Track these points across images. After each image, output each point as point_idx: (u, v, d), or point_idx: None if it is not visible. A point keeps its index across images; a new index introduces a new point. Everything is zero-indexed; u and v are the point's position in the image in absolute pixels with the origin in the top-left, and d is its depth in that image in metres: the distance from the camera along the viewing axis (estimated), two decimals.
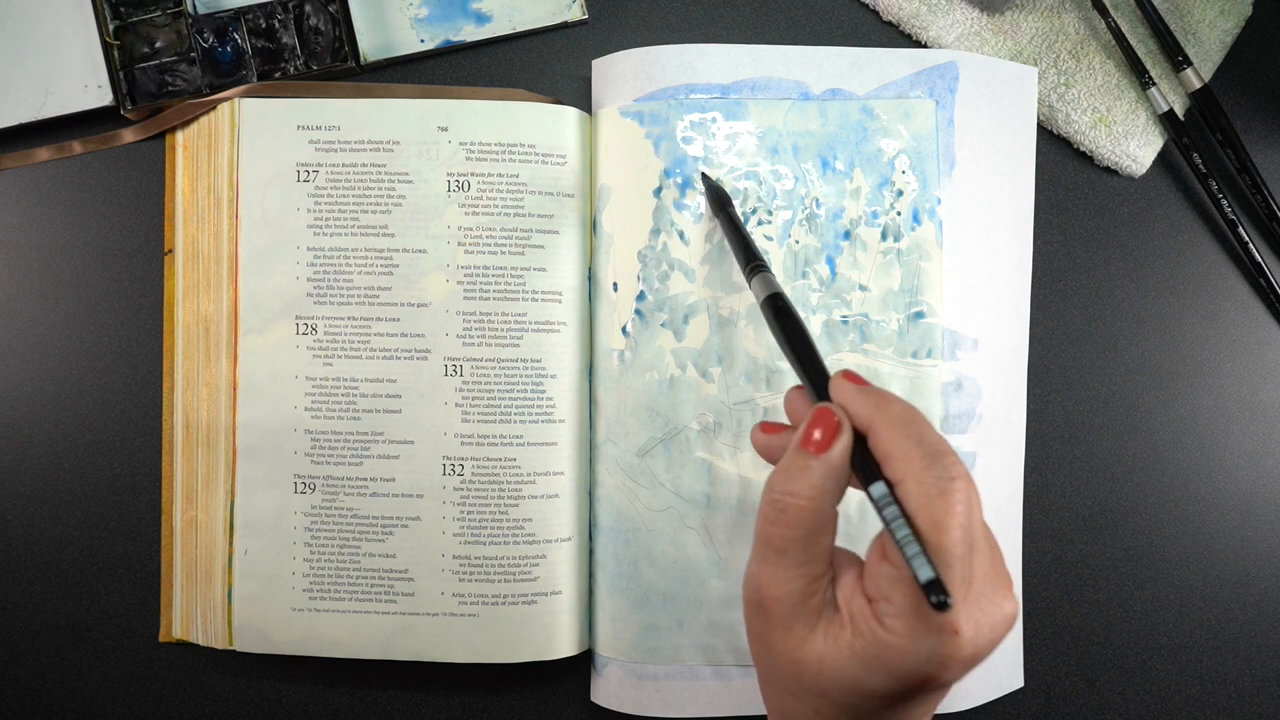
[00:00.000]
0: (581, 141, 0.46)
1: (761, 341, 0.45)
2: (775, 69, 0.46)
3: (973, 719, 0.46)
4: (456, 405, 0.45)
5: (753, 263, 0.39)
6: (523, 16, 0.49)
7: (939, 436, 0.31)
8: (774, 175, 0.46)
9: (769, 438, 0.35)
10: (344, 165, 0.46)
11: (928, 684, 0.30)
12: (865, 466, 0.31)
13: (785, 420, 0.36)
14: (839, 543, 0.33)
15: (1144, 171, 0.48)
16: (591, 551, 0.46)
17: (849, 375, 0.33)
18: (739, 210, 0.45)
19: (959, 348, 0.45)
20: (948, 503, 0.29)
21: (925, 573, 0.28)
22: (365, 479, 0.45)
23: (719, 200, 0.43)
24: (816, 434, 0.32)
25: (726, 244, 0.44)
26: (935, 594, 0.28)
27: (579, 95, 0.48)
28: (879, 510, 0.30)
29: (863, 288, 0.45)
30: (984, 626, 0.29)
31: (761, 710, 0.45)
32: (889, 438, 0.31)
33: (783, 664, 0.32)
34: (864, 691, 0.30)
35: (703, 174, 0.45)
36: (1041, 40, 0.48)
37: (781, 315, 0.36)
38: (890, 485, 0.30)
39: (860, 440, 0.32)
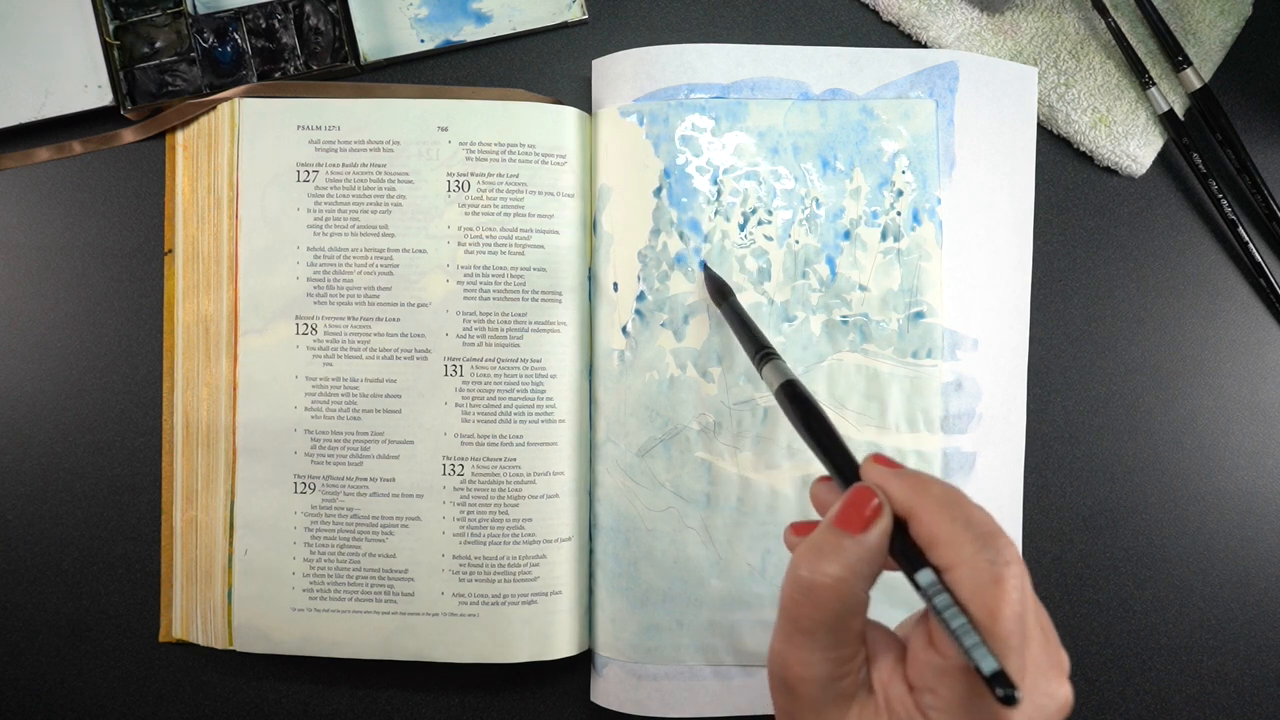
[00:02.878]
0: (581, 141, 0.46)
1: None
2: (775, 69, 0.46)
3: None
4: (456, 405, 0.45)
5: (762, 351, 0.38)
6: (523, 16, 0.48)
7: (987, 516, 0.30)
8: (774, 175, 0.46)
9: (826, 494, 0.34)
10: (344, 165, 0.46)
11: None
12: (907, 552, 0.30)
13: (780, 427, 0.36)
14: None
15: (1144, 171, 0.48)
16: (591, 551, 0.46)
17: (880, 459, 0.32)
18: (741, 214, 0.45)
19: (959, 348, 0.45)
20: (1002, 590, 0.28)
21: (989, 664, 0.27)
22: (365, 479, 0.45)
23: (720, 291, 0.43)
24: (856, 515, 0.30)
25: (733, 334, 0.42)
26: (1002, 687, 0.26)
27: (579, 95, 0.48)
28: (928, 599, 0.28)
29: (863, 288, 0.45)
30: (1038, 718, 0.28)
31: (762, 710, 0.45)
32: (933, 521, 0.29)
33: None
34: None
35: (702, 263, 0.44)
36: (1041, 40, 0.48)
37: (799, 403, 0.35)
38: (938, 572, 0.29)
39: (900, 525, 0.30)
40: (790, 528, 0.34)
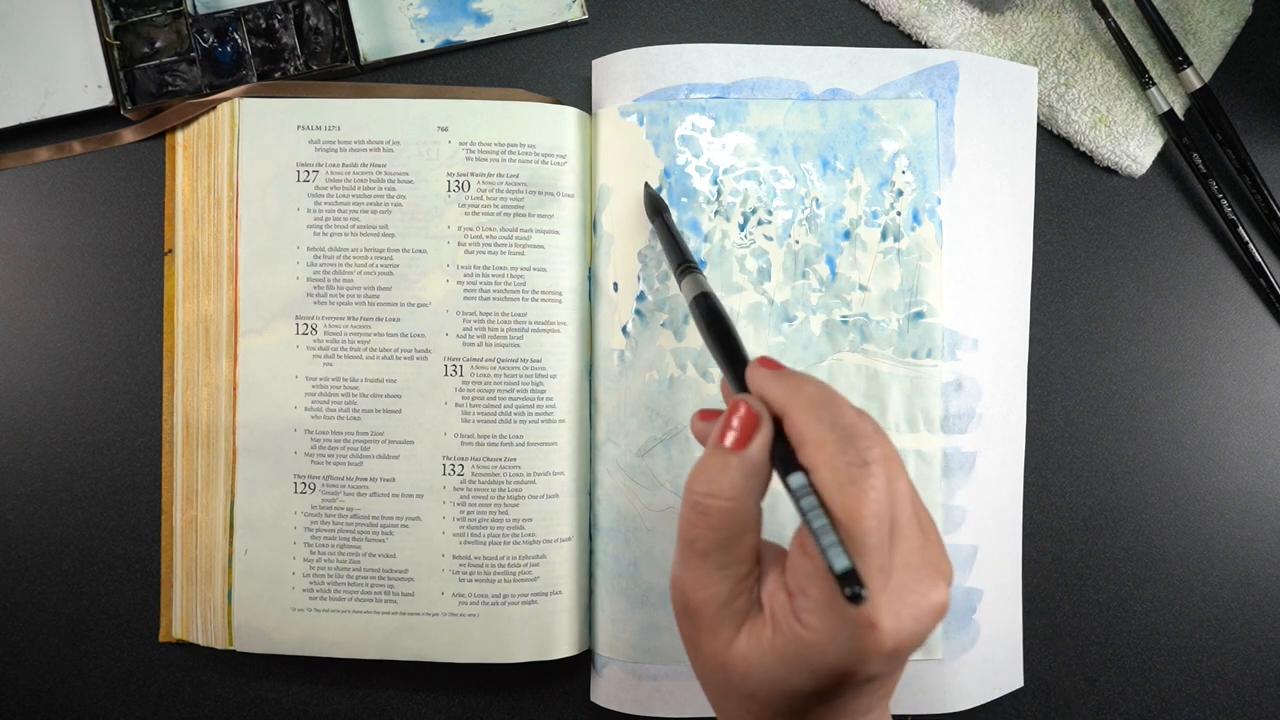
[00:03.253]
0: (581, 141, 0.46)
1: (761, 341, 0.45)
2: (775, 69, 0.46)
3: (973, 719, 0.46)
4: (456, 405, 0.45)
5: (684, 264, 0.38)
6: (523, 16, 0.48)
7: (855, 418, 0.29)
8: (774, 175, 0.46)
9: (705, 425, 0.33)
10: (344, 165, 0.46)
11: (848, 679, 0.28)
12: (783, 457, 0.30)
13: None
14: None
15: (1144, 171, 0.48)
16: (591, 551, 0.46)
17: (765, 361, 0.32)
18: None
19: (959, 348, 0.45)
20: (861, 489, 0.28)
21: (840, 563, 0.27)
22: (365, 479, 0.45)
23: (655, 207, 0.43)
24: (734, 429, 0.30)
25: (663, 249, 0.43)
26: (849, 585, 0.26)
27: (579, 95, 0.48)
28: (796, 501, 0.28)
29: (863, 288, 0.45)
30: (906, 619, 0.28)
31: None
32: (802, 422, 0.29)
33: (712, 667, 0.31)
34: (789, 691, 0.29)
35: (645, 184, 0.45)
36: (1041, 40, 0.48)
37: (706, 311, 0.35)
38: (808, 474, 0.29)
39: (778, 430, 0.30)
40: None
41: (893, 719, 0.45)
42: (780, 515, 0.42)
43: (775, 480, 0.31)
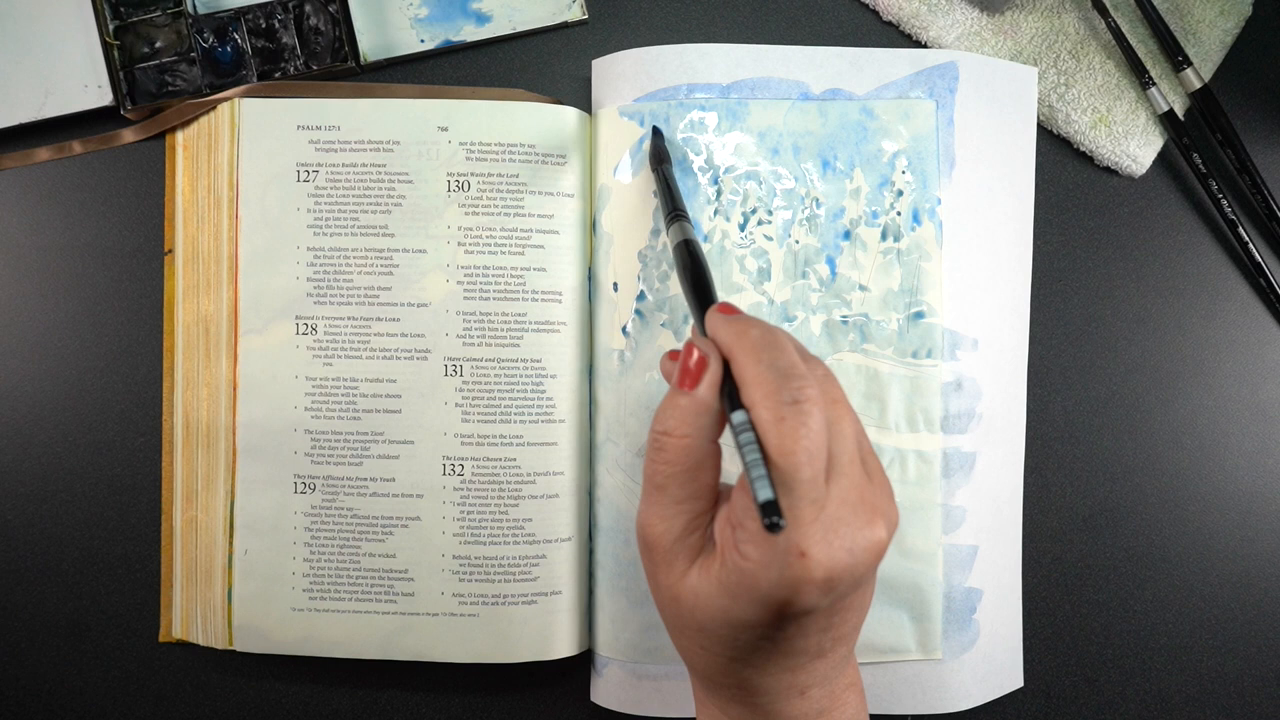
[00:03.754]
0: (581, 141, 0.46)
1: None
2: (775, 69, 0.46)
3: (973, 719, 0.46)
4: (456, 405, 0.45)
5: (674, 212, 0.39)
6: (523, 16, 0.49)
7: (795, 360, 0.30)
8: (774, 175, 0.46)
9: (671, 365, 0.35)
10: (344, 165, 0.46)
11: (786, 608, 0.29)
12: (731, 396, 0.31)
13: None
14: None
15: (1144, 171, 0.48)
16: (591, 551, 0.46)
17: (723, 307, 0.33)
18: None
19: (959, 348, 0.45)
20: (791, 426, 0.29)
21: (763, 494, 0.28)
22: (365, 479, 0.45)
23: (659, 156, 0.43)
24: (690, 369, 0.32)
25: (658, 196, 0.43)
26: (768, 515, 0.27)
27: (579, 95, 0.48)
28: (735, 438, 0.30)
29: (863, 288, 0.45)
30: (840, 550, 0.29)
31: None
32: (744, 363, 0.31)
33: (667, 600, 0.32)
34: (734, 621, 0.30)
35: (654, 129, 0.44)
36: (1041, 40, 0.48)
37: (685, 256, 0.36)
38: (748, 412, 0.30)
39: (727, 371, 0.32)
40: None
41: (893, 719, 0.45)
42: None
43: None
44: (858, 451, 0.31)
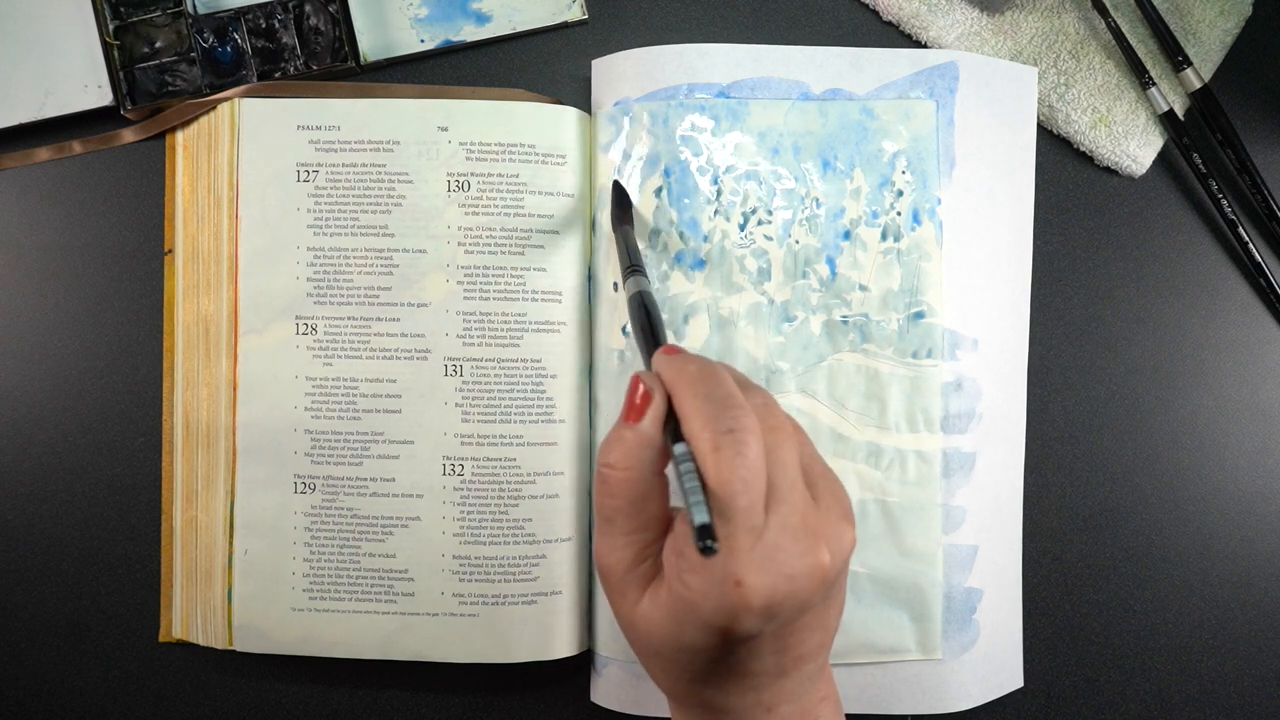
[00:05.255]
0: (581, 141, 0.46)
1: (761, 341, 0.45)
2: (775, 69, 0.46)
3: (973, 719, 0.46)
4: (456, 405, 0.45)
5: (630, 266, 0.40)
6: (523, 16, 0.48)
7: (733, 390, 0.31)
8: (774, 175, 0.46)
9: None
10: (344, 165, 0.46)
11: (729, 635, 0.29)
12: (674, 431, 0.31)
13: None
14: None
15: (1144, 171, 0.48)
16: (591, 551, 0.46)
17: (667, 349, 0.34)
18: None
19: (959, 348, 0.45)
20: (727, 455, 0.29)
21: (699, 518, 0.28)
22: (365, 479, 0.45)
23: (620, 211, 0.44)
24: (635, 403, 0.32)
25: (614, 245, 0.44)
26: (700, 539, 0.27)
27: (579, 95, 0.48)
28: (677, 468, 0.30)
29: (863, 288, 0.45)
30: (778, 576, 0.29)
31: None
32: (682, 396, 0.31)
33: (625, 626, 0.33)
34: (685, 646, 0.30)
35: (615, 183, 0.45)
36: (1041, 40, 0.48)
37: (641, 305, 0.37)
38: (688, 444, 0.30)
39: (671, 406, 0.32)
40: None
41: (892, 719, 0.45)
42: None
43: None
44: (800, 477, 0.31)
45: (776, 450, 0.30)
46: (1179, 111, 0.48)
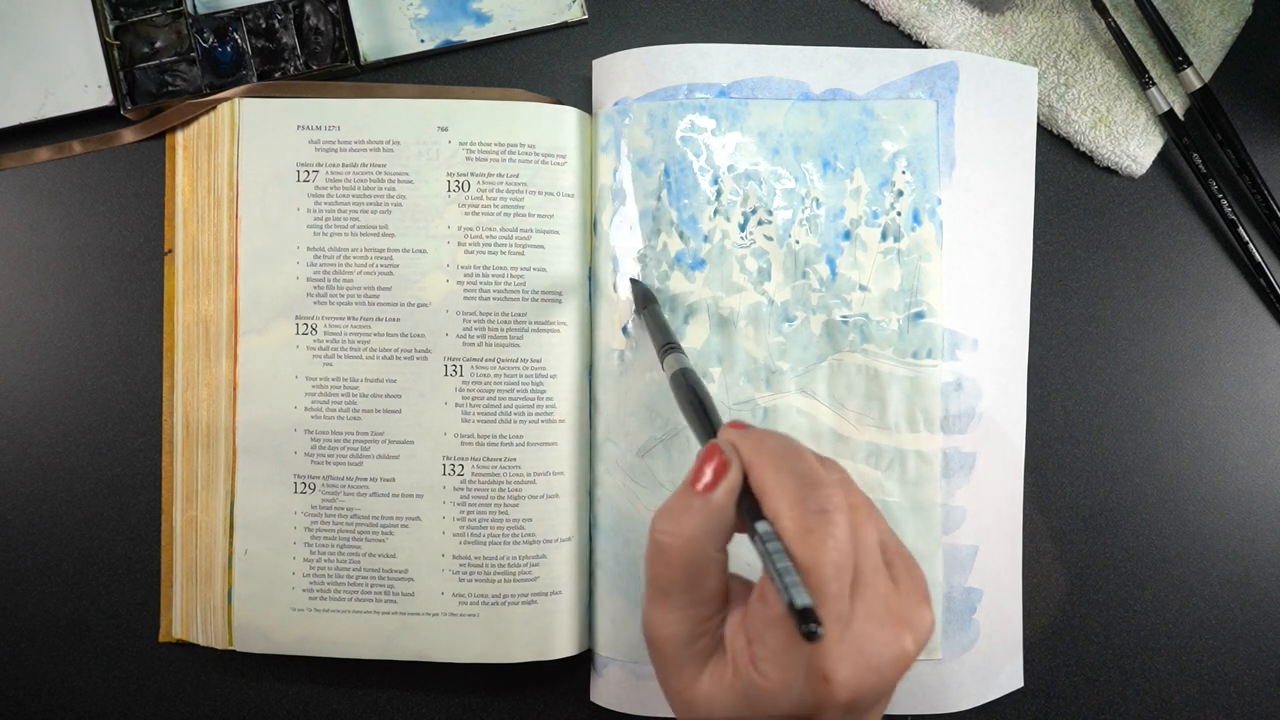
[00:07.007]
0: (581, 141, 0.46)
1: (761, 341, 0.45)
2: (775, 69, 0.46)
3: (973, 719, 0.46)
4: (457, 405, 0.45)
5: (666, 343, 0.39)
6: (523, 16, 0.49)
7: (817, 467, 0.30)
8: (774, 175, 0.46)
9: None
10: (344, 165, 0.46)
11: None
12: (750, 507, 0.30)
13: (780, 427, 0.36)
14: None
15: (1144, 171, 0.48)
16: (591, 551, 0.46)
17: (735, 424, 0.32)
18: (737, 208, 0.45)
19: (959, 348, 0.45)
20: (819, 537, 0.28)
21: (800, 599, 0.27)
22: (365, 479, 0.45)
23: (643, 299, 0.44)
24: (706, 474, 0.30)
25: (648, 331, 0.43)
26: (805, 622, 0.26)
27: (579, 95, 0.48)
28: (760, 547, 0.29)
29: (863, 288, 0.45)
30: (866, 670, 0.28)
31: None
32: (764, 473, 0.30)
33: (679, 704, 0.31)
34: None
35: (630, 280, 0.45)
36: (1041, 40, 0.48)
37: (686, 384, 0.36)
38: (770, 523, 0.29)
39: (747, 483, 0.31)
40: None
41: (892, 719, 0.45)
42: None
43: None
44: (881, 559, 0.30)
45: (858, 530, 0.29)
46: (1179, 111, 0.48)
